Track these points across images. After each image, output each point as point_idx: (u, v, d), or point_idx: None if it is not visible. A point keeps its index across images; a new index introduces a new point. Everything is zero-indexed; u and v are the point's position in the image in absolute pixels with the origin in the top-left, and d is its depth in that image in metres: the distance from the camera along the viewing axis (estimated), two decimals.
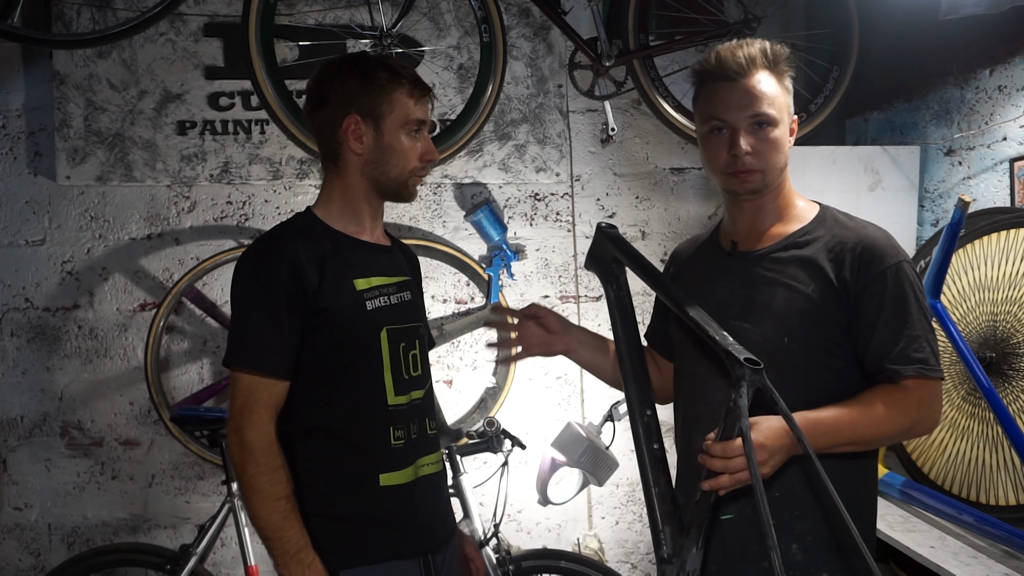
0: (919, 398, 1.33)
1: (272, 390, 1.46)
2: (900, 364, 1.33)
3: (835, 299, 1.36)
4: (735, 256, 1.49)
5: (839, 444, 1.32)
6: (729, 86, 1.41)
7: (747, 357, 1.18)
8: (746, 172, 1.41)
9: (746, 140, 1.39)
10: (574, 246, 3.05)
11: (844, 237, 1.39)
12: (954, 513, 2.00)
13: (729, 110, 1.40)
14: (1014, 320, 2.03)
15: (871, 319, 1.35)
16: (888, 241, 1.39)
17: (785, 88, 1.44)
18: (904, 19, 2.59)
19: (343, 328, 1.50)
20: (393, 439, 1.52)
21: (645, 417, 1.45)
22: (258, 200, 2.93)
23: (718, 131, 1.43)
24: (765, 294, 1.41)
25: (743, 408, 1.16)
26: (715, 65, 1.43)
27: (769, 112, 1.39)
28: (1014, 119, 2.22)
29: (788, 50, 1.45)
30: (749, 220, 1.48)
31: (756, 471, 1.15)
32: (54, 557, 2.86)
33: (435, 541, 1.59)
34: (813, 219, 1.45)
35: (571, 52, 2.76)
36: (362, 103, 1.53)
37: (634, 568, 3.12)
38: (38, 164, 2.86)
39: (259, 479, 1.43)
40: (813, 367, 1.36)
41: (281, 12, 2.69)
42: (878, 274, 1.35)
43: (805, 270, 1.39)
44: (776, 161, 1.42)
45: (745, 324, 1.39)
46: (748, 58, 1.40)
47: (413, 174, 1.58)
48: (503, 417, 2.88)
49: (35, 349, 2.87)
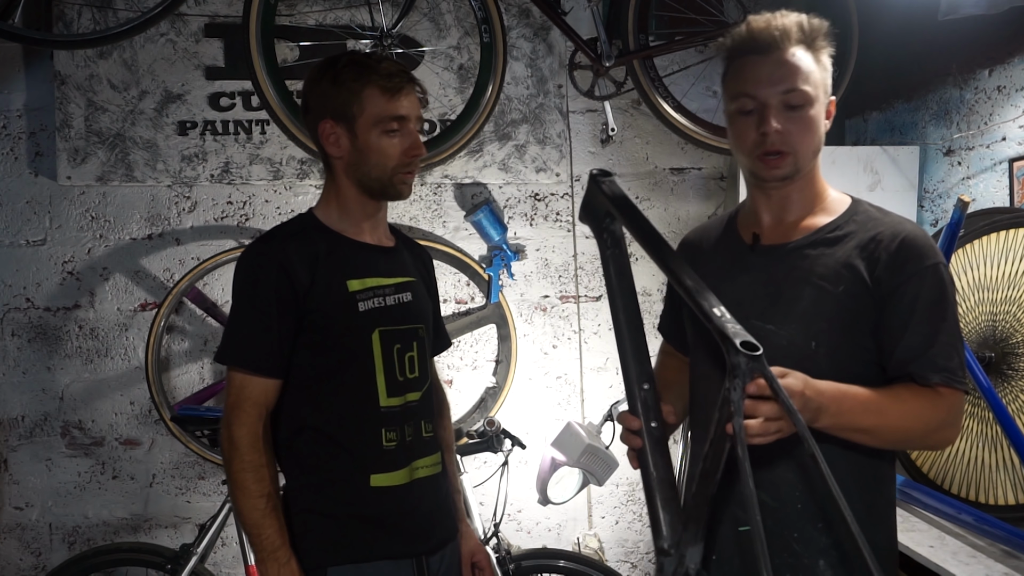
0: (948, 404, 1.25)
1: (262, 388, 1.48)
2: (927, 370, 1.24)
3: (867, 300, 1.26)
4: (758, 250, 1.36)
5: (861, 426, 1.22)
6: (760, 60, 1.28)
7: (744, 341, 1.03)
8: (776, 155, 1.29)
9: (777, 118, 1.27)
10: (574, 246, 3.06)
11: (879, 233, 1.28)
12: (953, 513, 2.00)
13: (760, 85, 1.28)
14: (1013, 320, 2.03)
15: (902, 320, 1.25)
16: (927, 240, 1.28)
17: (822, 65, 1.31)
18: (903, 19, 2.59)
19: (333, 329, 1.50)
20: (385, 440, 1.52)
21: (642, 391, 1.28)
22: (259, 200, 2.94)
23: (747, 111, 1.30)
24: (791, 293, 1.30)
25: (737, 403, 1.02)
26: (745, 37, 1.30)
27: (804, 88, 1.27)
28: (1013, 119, 2.22)
29: (827, 24, 1.33)
30: (775, 210, 1.36)
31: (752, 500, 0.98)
32: (55, 556, 2.86)
33: (431, 543, 1.59)
34: (844, 212, 1.34)
35: (571, 52, 2.76)
36: (333, 106, 1.52)
37: (634, 567, 3.12)
38: (39, 164, 2.86)
39: (242, 475, 1.45)
40: (840, 374, 1.24)
41: (282, 12, 2.69)
42: (914, 273, 1.25)
43: (835, 269, 1.28)
44: (809, 144, 1.30)
45: (768, 325, 1.28)
46: (782, 30, 1.28)
47: (396, 172, 1.54)
48: (503, 417, 2.88)
49: (36, 349, 2.88)
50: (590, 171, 1.43)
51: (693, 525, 1.15)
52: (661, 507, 1.20)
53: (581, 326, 3.06)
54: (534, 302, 3.05)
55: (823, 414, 1.18)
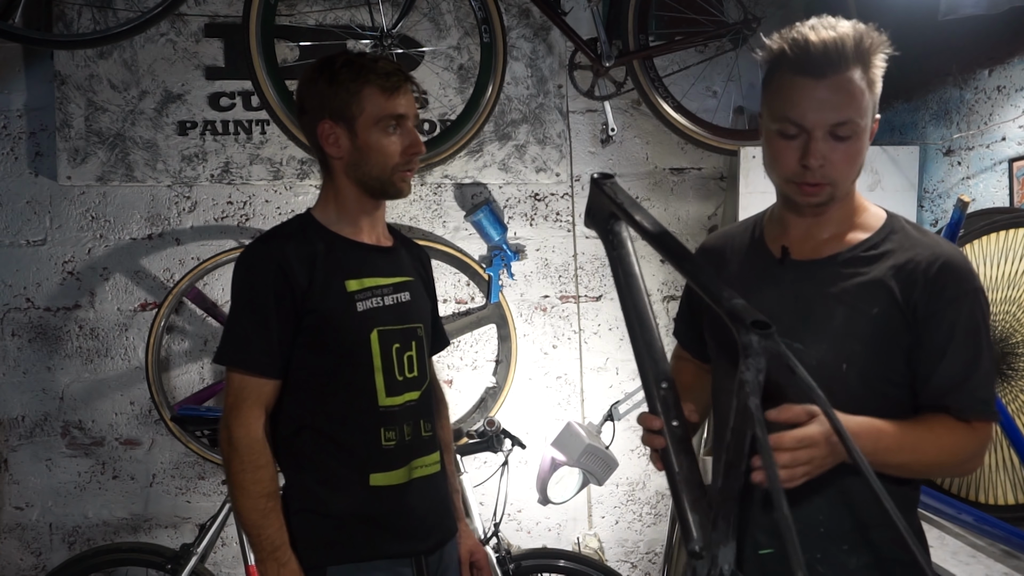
0: (980, 437, 1.21)
1: (261, 388, 1.48)
2: (965, 405, 1.20)
3: (900, 323, 1.21)
4: (787, 265, 1.30)
5: (893, 464, 1.18)
6: (812, 84, 1.18)
7: (755, 319, 0.97)
8: (815, 186, 1.22)
9: (821, 150, 1.19)
10: (574, 246, 3.06)
11: (917, 254, 1.22)
12: (953, 513, 2.00)
13: (806, 113, 1.18)
14: (1013, 320, 2.03)
15: (939, 347, 1.20)
16: (966, 264, 1.23)
17: (874, 85, 1.21)
18: (903, 19, 2.58)
19: (331, 329, 1.51)
20: (384, 440, 1.53)
21: (661, 391, 1.21)
22: (259, 200, 2.94)
23: (789, 135, 1.21)
24: (822, 312, 1.24)
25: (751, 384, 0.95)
26: (800, 54, 1.19)
27: (853, 120, 1.18)
28: (1013, 119, 2.22)
29: (884, 36, 1.22)
30: (807, 226, 1.30)
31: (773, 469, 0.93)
32: (55, 556, 2.86)
33: (430, 542, 1.59)
34: (879, 229, 1.28)
35: (571, 52, 2.77)
36: (332, 107, 1.52)
37: (634, 567, 3.13)
38: (39, 164, 2.86)
39: (242, 476, 1.45)
40: (871, 398, 1.21)
41: (282, 12, 2.69)
42: (954, 299, 1.20)
43: (870, 289, 1.22)
44: (850, 174, 1.23)
45: (796, 344, 1.22)
46: (839, 52, 1.16)
47: (396, 171, 1.55)
48: (503, 417, 2.88)
49: (36, 349, 2.88)
50: (591, 175, 1.38)
51: (723, 523, 1.07)
52: (689, 508, 1.13)
53: (581, 326, 3.06)
54: (534, 302, 3.05)
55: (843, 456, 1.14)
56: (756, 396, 0.95)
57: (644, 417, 1.22)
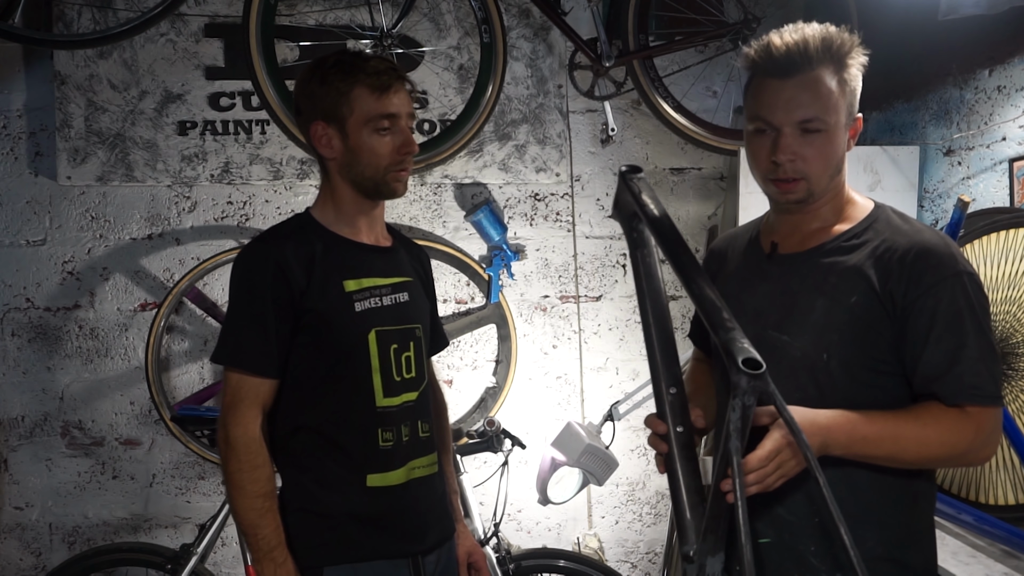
0: (977, 424, 1.19)
1: (258, 388, 1.48)
2: (951, 390, 1.19)
3: (880, 312, 1.22)
4: (775, 259, 1.34)
5: (875, 456, 1.20)
6: (779, 84, 1.23)
7: (747, 358, 0.99)
8: (788, 181, 1.25)
9: (790, 146, 1.23)
10: (574, 246, 3.06)
11: (895, 243, 1.23)
12: (953, 513, 2.00)
13: (774, 111, 1.24)
14: (1013, 320, 2.03)
15: (920, 337, 1.20)
16: (946, 249, 1.22)
17: (848, 85, 1.25)
18: (903, 19, 2.59)
19: (329, 329, 1.50)
20: (381, 440, 1.52)
21: (669, 395, 1.24)
22: (259, 200, 2.94)
23: (762, 132, 1.26)
24: (804, 304, 1.26)
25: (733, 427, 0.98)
26: (765, 56, 1.24)
27: (819, 117, 1.22)
28: (1013, 119, 2.22)
29: (856, 37, 1.26)
30: (794, 221, 1.33)
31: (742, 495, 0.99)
32: (55, 556, 2.86)
33: (427, 543, 1.58)
34: (864, 219, 1.29)
35: (571, 52, 2.76)
36: (324, 108, 1.51)
37: (634, 567, 3.12)
38: (39, 164, 2.86)
39: (239, 475, 1.45)
40: (856, 386, 1.23)
41: (282, 12, 2.69)
42: (930, 286, 1.20)
43: (848, 278, 1.24)
44: (823, 169, 1.25)
45: (783, 336, 1.26)
46: (802, 52, 1.22)
47: (389, 171, 1.54)
48: (503, 417, 2.88)
49: (36, 349, 2.88)
50: (619, 168, 1.38)
51: (711, 536, 1.14)
52: (687, 513, 1.18)
53: (581, 326, 3.05)
54: (534, 302, 3.05)
55: (830, 448, 1.17)
56: (736, 438, 0.98)
57: (650, 420, 1.26)
